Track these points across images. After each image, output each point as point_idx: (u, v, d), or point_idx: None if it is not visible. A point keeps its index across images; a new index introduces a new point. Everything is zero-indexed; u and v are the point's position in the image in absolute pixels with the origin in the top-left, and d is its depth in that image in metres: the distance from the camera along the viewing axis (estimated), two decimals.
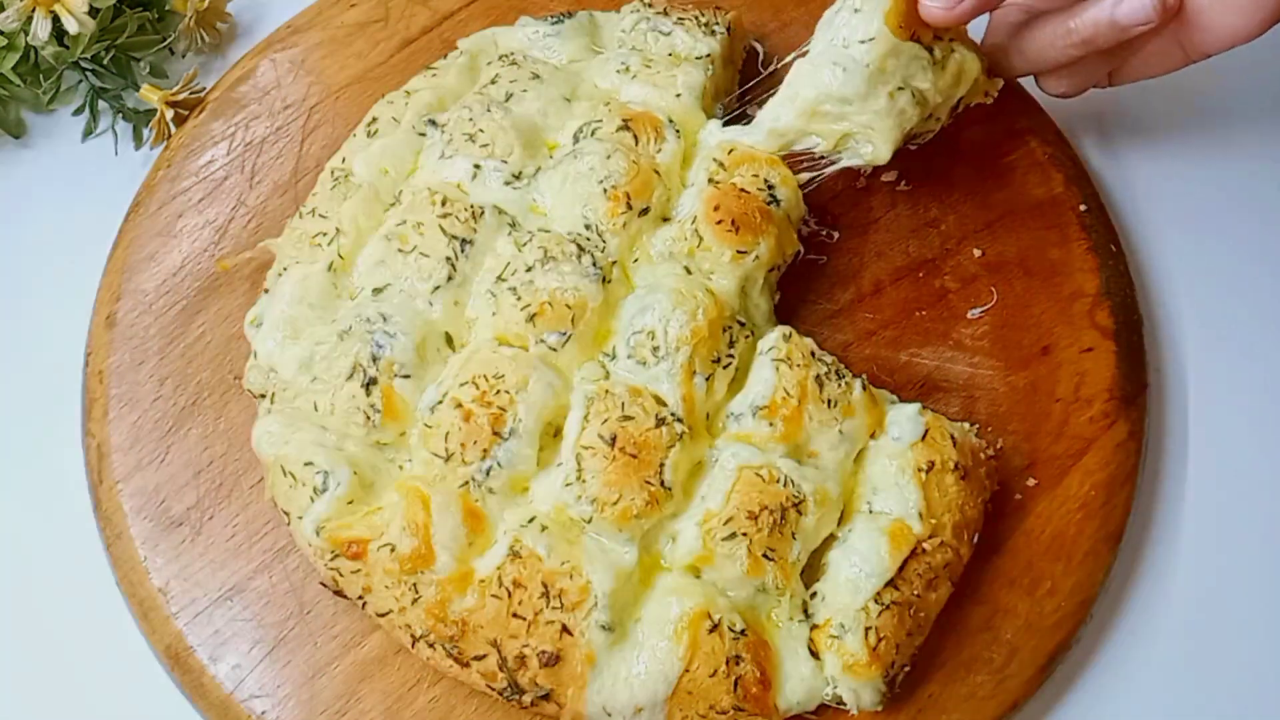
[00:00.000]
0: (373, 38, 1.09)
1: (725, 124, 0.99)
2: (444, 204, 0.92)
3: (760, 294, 0.94)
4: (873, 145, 0.93)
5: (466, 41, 1.06)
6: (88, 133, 1.10)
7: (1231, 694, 0.95)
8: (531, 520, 0.85)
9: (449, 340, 0.90)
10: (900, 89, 0.91)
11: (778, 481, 0.85)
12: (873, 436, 0.91)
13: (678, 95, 0.99)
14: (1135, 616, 0.97)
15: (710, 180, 0.94)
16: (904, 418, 0.91)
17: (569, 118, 0.99)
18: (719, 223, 0.92)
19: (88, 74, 1.09)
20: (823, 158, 0.96)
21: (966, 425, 0.94)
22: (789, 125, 0.94)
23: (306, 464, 0.86)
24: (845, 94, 0.90)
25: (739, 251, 0.92)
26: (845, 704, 0.85)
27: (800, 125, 0.94)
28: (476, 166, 0.95)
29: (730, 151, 0.95)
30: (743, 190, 0.93)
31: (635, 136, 0.95)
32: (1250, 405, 1.04)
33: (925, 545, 0.86)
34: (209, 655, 0.87)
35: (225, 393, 0.95)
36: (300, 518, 0.86)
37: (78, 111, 1.10)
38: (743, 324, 0.92)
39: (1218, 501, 1.01)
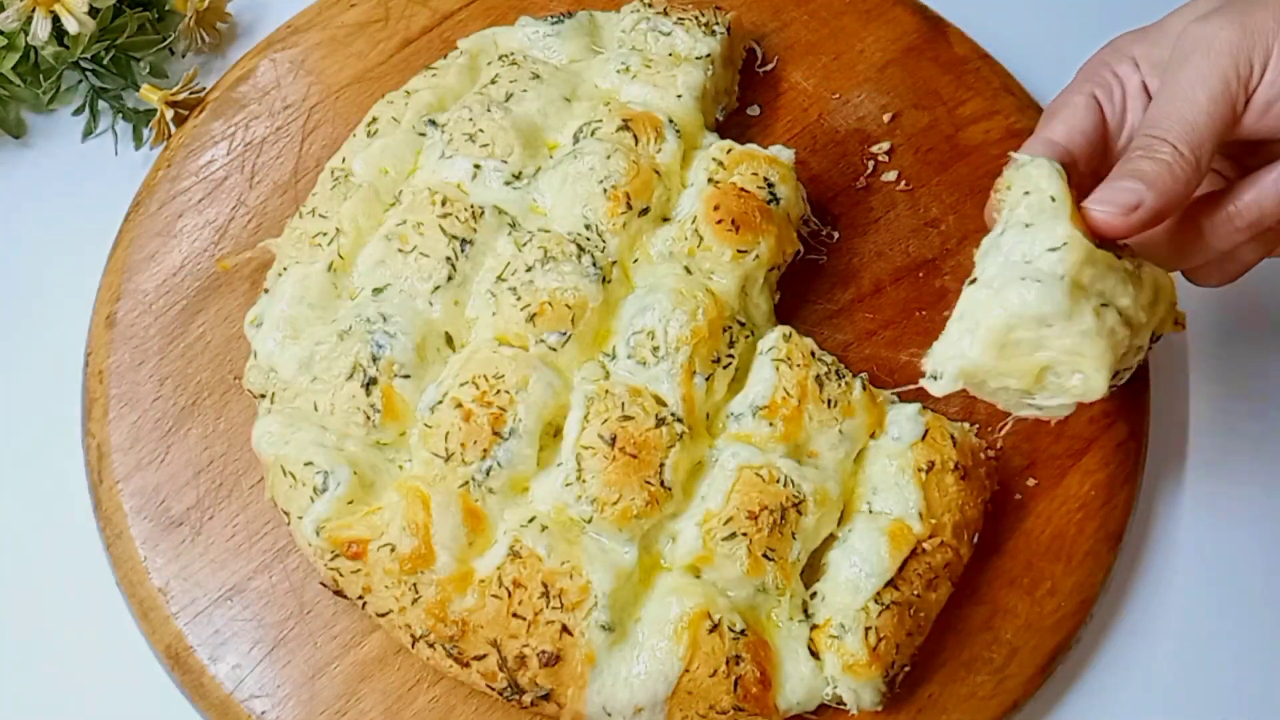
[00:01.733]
0: (373, 38, 1.09)
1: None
2: (444, 204, 0.92)
3: (760, 293, 0.94)
4: (1083, 374, 0.75)
5: (466, 41, 1.06)
6: (88, 133, 1.10)
7: (1231, 694, 0.95)
8: (531, 520, 0.85)
9: (449, 340, 0.90)
10: (1104, 305, 0.75)
11: (778, 481, 0.85)
12: (873, 436, 0.91)
13: (678, 96, 0.99)
14: (1135, 616, 0.97)
15: (710, 180, 0.94)
16: (904, 418, 0.91)
17: (569, 118, 0.99)
18: (719, 222, 0.92)
19: (88, 74, 1.09)
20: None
21: (966, 425, 0.94)
22: (977, 363, 0.76)
23: (306, 464, 0.86)
24: (1043, 312, 0.73)
25: (739, 251, 0.92)
26: (845, 704, 0.85)
27: (989, 363, 0.76)
28: (476, 166, 0.95)
29: (729, 151, 0.95)
30: (743, 190, 0.93)
31: (635, 136, 0.95)
32: (1250, 405, 1.04)
33: (925, 545, 0.86)
34: (209, 655, 0.87)
35: (225, 393, 0.95)
36: (300, 518, 0.86)
37: (78, 111, 1.10)
38: (743, 324, 0.92)
39: (1218, 501, 1.01)
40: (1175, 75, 0.79)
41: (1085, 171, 0.83)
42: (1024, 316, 0.74)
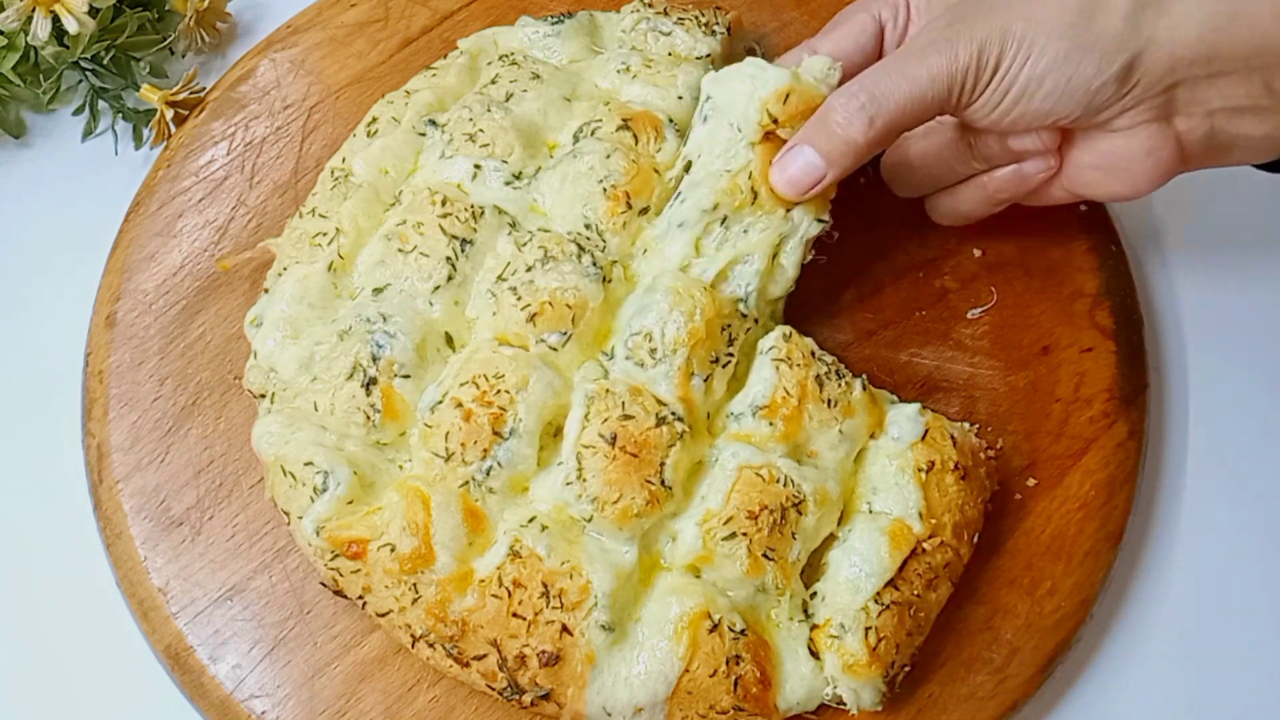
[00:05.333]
0: (373, 38, 1.09)
1: None
2: (444, 204, 0.92)
3: (791, 255, 0.93)
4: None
5: (466, 41, 1.06)
6: (88, 133, 1.10)
7: (1231, 694, 0.95)
8: (531, 520, 0.85)
9: (449, 340, 0.90)
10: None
11: (778, 481, 0.85)
12: (873, 436, 0.91)
13: (679, 96, 0.99)
14: (1135, 616, 0.97)
15: (765, 135, 0.91)
16: (904, 418, 0.91)
17: (569, 118, 0.99)
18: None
19: (88, 74, 1.09)
20: None
21: (966, 425, 0.94)
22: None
23: (306, 464, 0.86)
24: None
25: (787, 211, 0.91)
26: (845, 704, 0.85)
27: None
28: (477, 166, 0.95)
29: (786, 100, 0.90)
30: None
31: (635, 136, 0.95)
32: (1250, 405, 1.04)
33: (925, 545, 0.86)
34: (209, 655, 0.87)
35: (225, 393, 0.95)
36: (300, 518, 0.86)
37: (78, 111, 1.10)
38: (744, 315, 0.92)
39: (1218, 501, 1.01)
40: (917, 41, 0.86)
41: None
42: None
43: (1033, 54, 0.82)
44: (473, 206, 0.93)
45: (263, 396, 0.92)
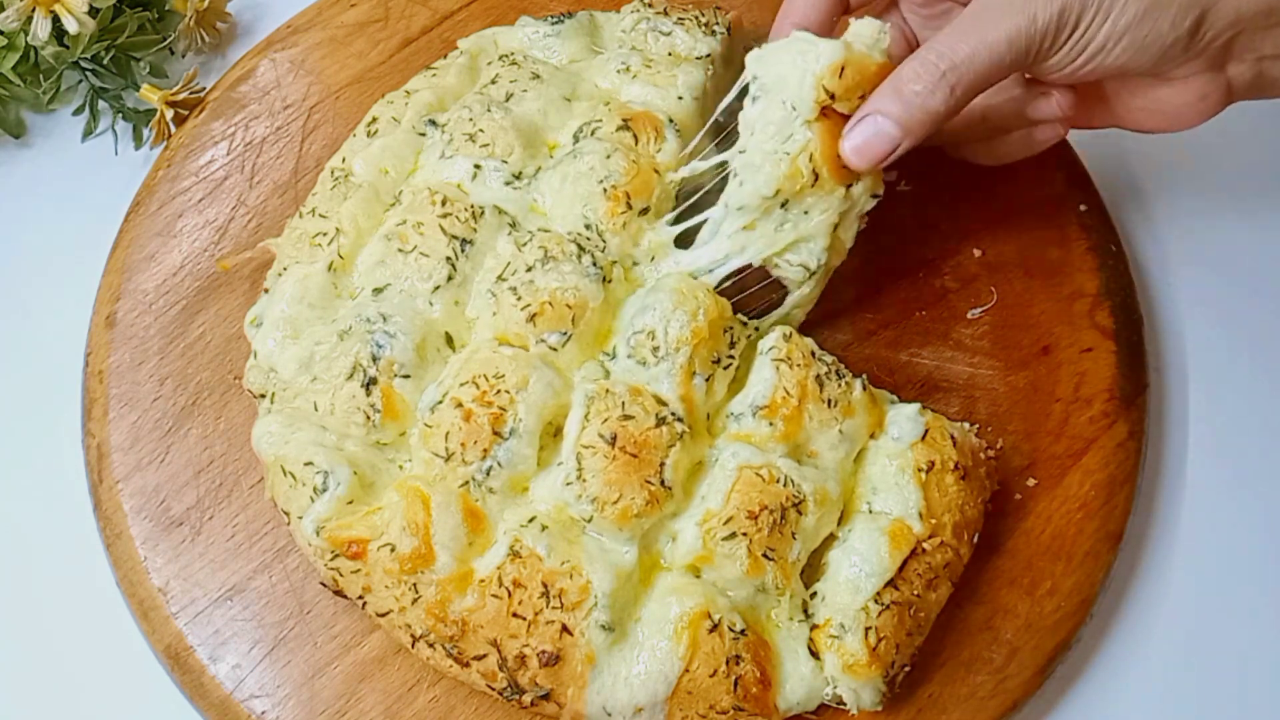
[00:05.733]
0: (373, 38, 1.09)
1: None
2: (444, 204, 0.92)
3: (849, 228, 0.92)
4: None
5: (466, 41, 1.06)
6: (88, 133, 1.10)
7: (1231, 694, 0.95)
8: (531, 520, 0.85)
9: (449, 340, 0.90)
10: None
11: (778, 481, 0.85)
12: (873, 436, 0.91)
13: (679, 96, 0.99)
14: (1135, 616, 0.97)
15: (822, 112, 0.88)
16: (904, 418, 0.91)
17: (569, 118, 0.99)
18: (841, 167, 0.88)
19: (88, 74, 1.09)
20: None
21: (966, 425, 0.94)
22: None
23: (306, 464, 0.86)
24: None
25: (848, 187, 0.88)
26: (845, 704, 0.85)
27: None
28: (477, 166, 0.95)
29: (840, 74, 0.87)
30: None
31: (635, 136, 0.95)
32: (1250, 405, 1.04)
33: (925, 545, 0.86)
34: (209, 655, 0.87)
35: (225, 393, 0.95)
36: (300, 518, 0.86)
37: (78, 111, 1.10)
38: (745, 323, 0.92)
39: (1218, 501, 1.01)
40: (984, 6, 0.84)
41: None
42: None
43: (1113, 12, 0.82)
44: (473, 206, 0.93)
45: (263, 396, 0.92)
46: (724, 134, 0.98)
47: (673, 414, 0.87)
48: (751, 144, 0.88)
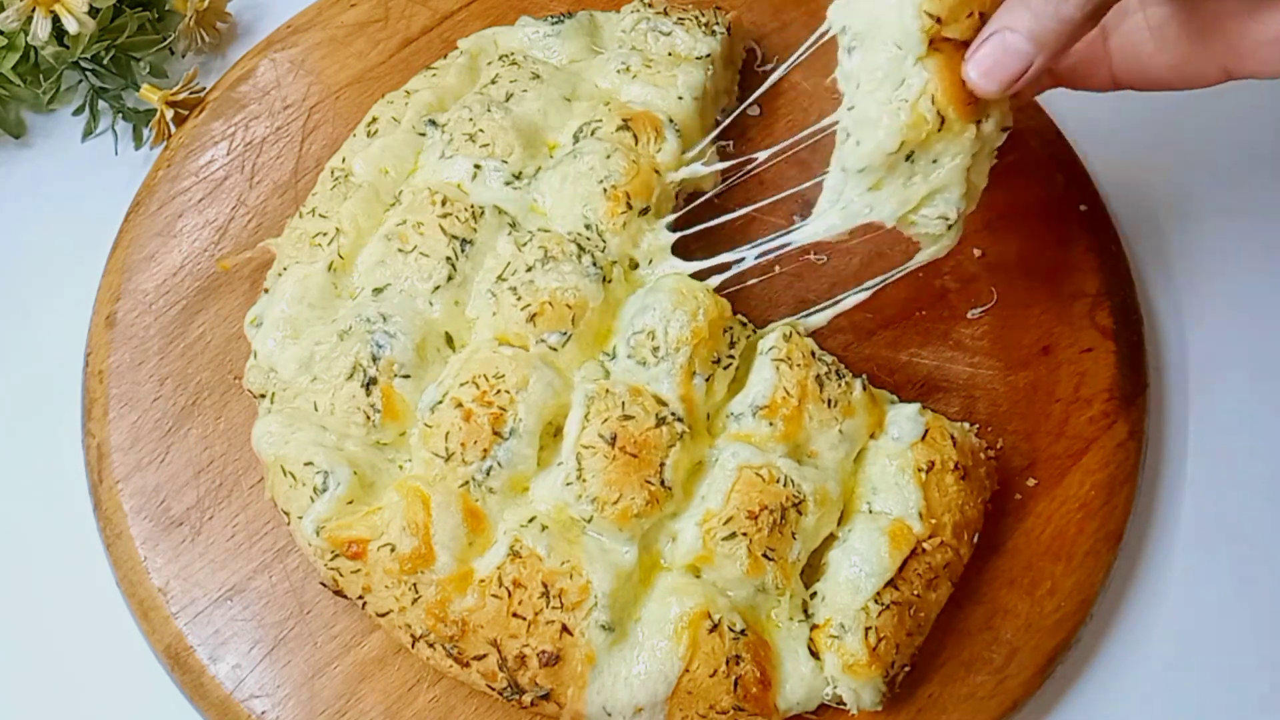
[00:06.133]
0: (373, 38, 1.09)
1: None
2: (444, 204, 0.92)
3: (984, 163, 0.84)
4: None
5: (466, 41, 1.06)
6: (88, 133, 1.10)
7: (1231, 694, 0.95)
8: (531, 520, 0.85)
9: (449, 340, 0.90)
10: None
11: (778, 481, 0.85)
12: (873, 436, 0.91)
13: (679, 96, 0.99)
14: (1135, 616, 0.97)
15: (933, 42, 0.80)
16: (904, 418, 0.91)
17: (569, 118, 0.99)
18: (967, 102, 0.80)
19: (88, 74, 1.09)
20: None
21: (966, 425, 0.94)
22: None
23: (306, 464, 0.86)
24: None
25: (978, 122, 0.81)
26: (845, 704, 0.85)
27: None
28: (477, 166, 0.95)
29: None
30: None
31: (635, 136, 0.95)
32: (1250, 405, 1.04)
33: (925, 545, 0.86)
34: (209, 655, 0.87)
35: (225, 393, 0.95)
36: (300, 518, 0.86)
37: (78, 111, 1.10)
38: (745, 324, 0.92)
39: (1218, 501, 1.01)
40: None
41: None
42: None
43: None
44: (473, 206, 0.93)
45: (263, 396, 0.92)
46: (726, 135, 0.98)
47: (673, 414, 0.87)
48: (860, 98, 0.80)
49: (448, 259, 0.91)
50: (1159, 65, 0.84)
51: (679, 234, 0.94)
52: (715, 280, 0.92)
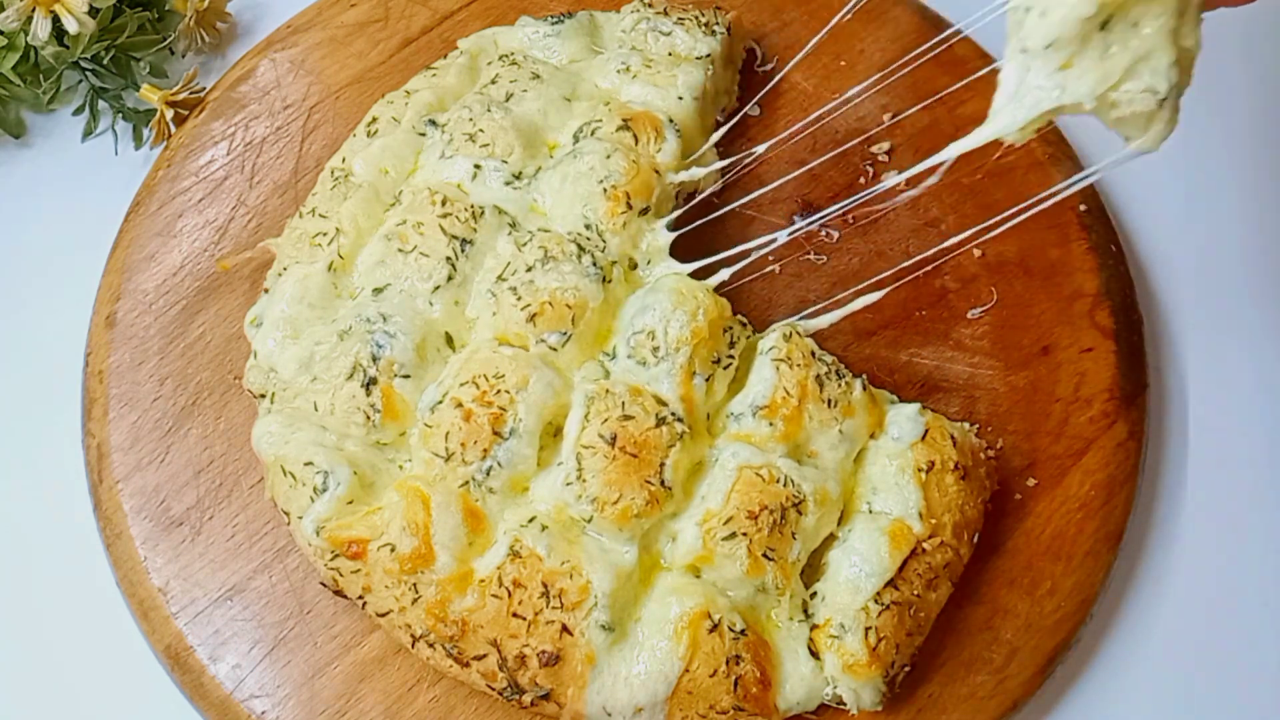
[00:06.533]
0: (373, 38, 1.09)
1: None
2: (444, 204, 0.92)
3: (1192, 31, 0.73)
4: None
5: (466, 41, 1.06)
6: (88, 133, 1.10)
7: (1231, 694, 0.95)
8: (532, 520, 0.85)
9: (449, 340, 0.90)
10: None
11: (778, 481, 0.85)
12: (873, 436, 0.91)
13: (679, 97, 0.99)
14: (1135, 616, 0.97)
15: None
16: (904, 418, 0.91)
17: (569, 118, 0.99)
18: None
19: (88, 74, 1.09)
20: None
21: (966, 425, 0.94)
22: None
23: (306, 464, 0.86)
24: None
25: None
26: (845, 704, 0.85)
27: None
28: (477, 166, 0.95)
29: None
30: None
31: (635, 136, 0.95)
32: (1250, 405, 1.04)
33: (925, 545, 0.86)
34: (209, 655, 0.87)
35: (225, 393, 0.95)
36: (300, 518, 0.86)
37: (78, 111, 1.10)
38: (745, 324, 0.92)
39: (1218, 501, 1.01)
40: None
41: None
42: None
43: None
44: (473, 206, 0.93)
45: (263, 396, 0.92)
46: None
47: (673, 414, 0.87)
48: None
49: (448, 259, 0.91)
50: None
51: (678, 232, 0.94)
52: (716, 279, 0.92)
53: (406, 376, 0.88)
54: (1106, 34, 0.70)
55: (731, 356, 0.90)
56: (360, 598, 0.85)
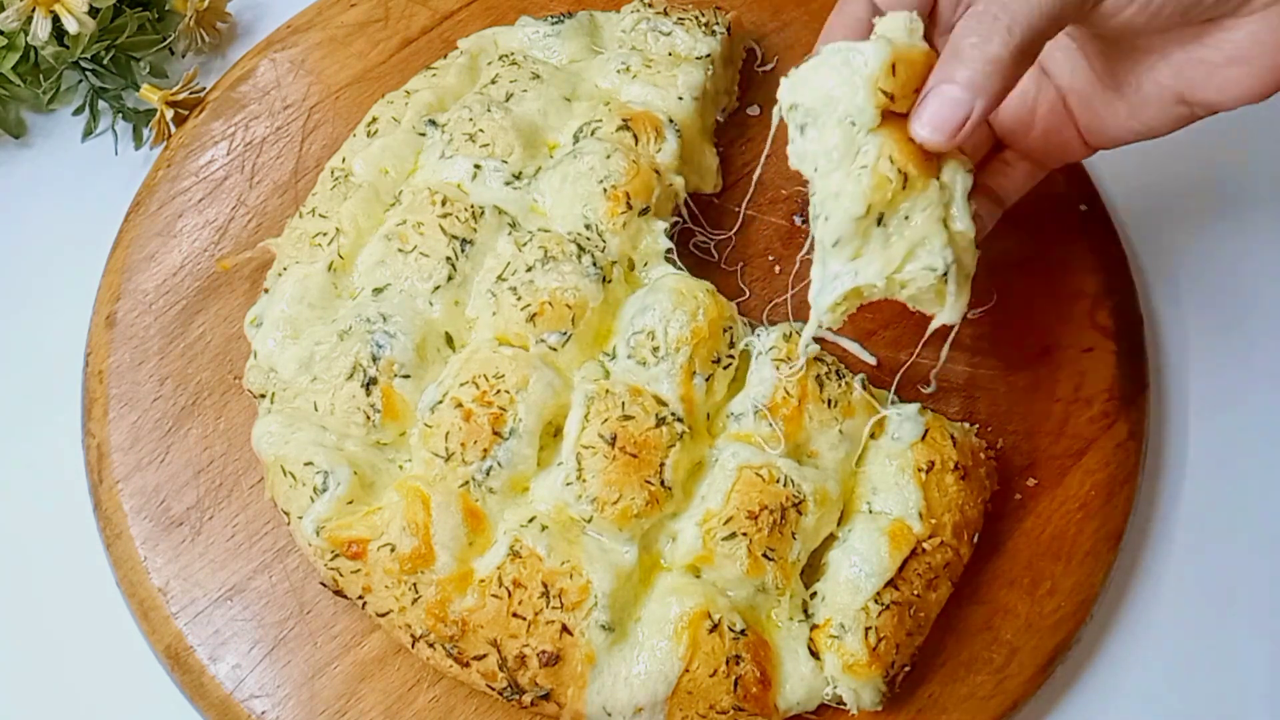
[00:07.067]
0: (373, 38, 1.09)
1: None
2: (444, 204, 0.92)
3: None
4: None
5: (466, 41, 1.06)
6: (88, 133, 1.10)
7: (1231, 694, 0.95)
8: (532, 520, 0.85)
9: (449, 340, 0.90)
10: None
11: (778, 481, 0.85)
12: (873, 436, 0.91)
13: (679, 97, 0.99)
14: (1135, 616, 0.97)
15: None
16: (904, 418, 0.91)
17: (569, 118, 0.99)
18: None
19: (88, 74, 1.09)
20: None
21: (966, 425, 0.94)
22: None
23: (306, 464, 0.86)
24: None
25: None
26: (845, 704, 0.85)
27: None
28: (477, 166, 0.95)
29: None
30: None
31: (635, 136, 0.95)
32: (1250, 405, 1.04)
33: (925, 545, 0.86)
34: (209, 655, 0.87)
35: (225, 393, 0.95)
36: (300, 518, 0.86)
37: (78, 111, 1.10)
38: (746, 324, 0.92)
39: (1218, 501, 1.01)
40: None
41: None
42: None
43: None
44: (473, 206, 0.93)
45: (263, 396, 0.92)
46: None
47: (673, 414, 0.87)
48: (818, 180, 0.80)
49: (448, 259, 0.91)
50: (1118, 115, 0.86)
51: (671, 243, 0.94)
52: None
53: (406, 376, 0.88)
54: (885, 228, 0.79)
55: (731, 356, 0.91)
56: (360, 598, 0.85)
